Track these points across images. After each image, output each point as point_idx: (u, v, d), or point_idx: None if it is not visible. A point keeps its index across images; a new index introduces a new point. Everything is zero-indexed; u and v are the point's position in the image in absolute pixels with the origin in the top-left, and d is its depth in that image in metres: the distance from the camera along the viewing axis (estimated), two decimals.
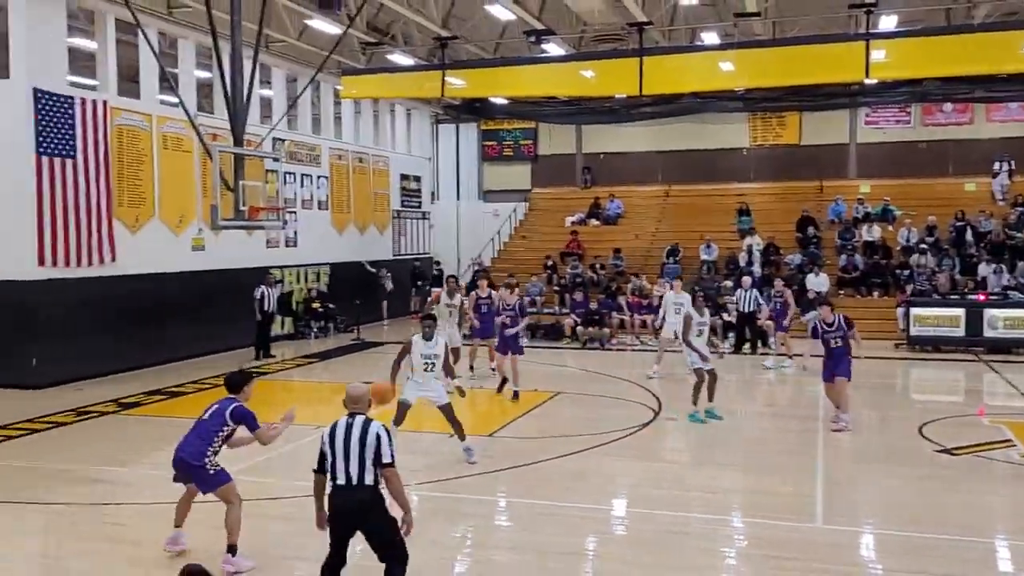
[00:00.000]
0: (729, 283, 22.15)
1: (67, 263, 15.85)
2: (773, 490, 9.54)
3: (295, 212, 22.32)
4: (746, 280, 19.71)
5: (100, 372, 16.26)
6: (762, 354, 18.81)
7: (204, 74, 20.70)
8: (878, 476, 10.15)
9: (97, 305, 16.28)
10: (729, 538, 8.21)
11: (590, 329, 21.41)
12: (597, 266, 25.47)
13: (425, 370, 10.21)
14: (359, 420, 5.93)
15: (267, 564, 7.37)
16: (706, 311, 13.25)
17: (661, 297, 21.94)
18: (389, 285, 25.79)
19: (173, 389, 15.11)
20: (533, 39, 20.68)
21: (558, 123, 30.32)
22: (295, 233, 22.64)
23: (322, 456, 5.92)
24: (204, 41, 17.59)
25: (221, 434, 7.32)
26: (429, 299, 18.32)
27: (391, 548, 5.90)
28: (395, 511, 5.97)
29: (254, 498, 9.00)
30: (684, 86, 21.14)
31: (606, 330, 21.52)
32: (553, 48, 21.62)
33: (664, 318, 17.02)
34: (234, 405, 7.39)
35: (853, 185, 27.95)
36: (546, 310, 23.79)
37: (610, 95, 23.89)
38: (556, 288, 24.80)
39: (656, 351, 17.18)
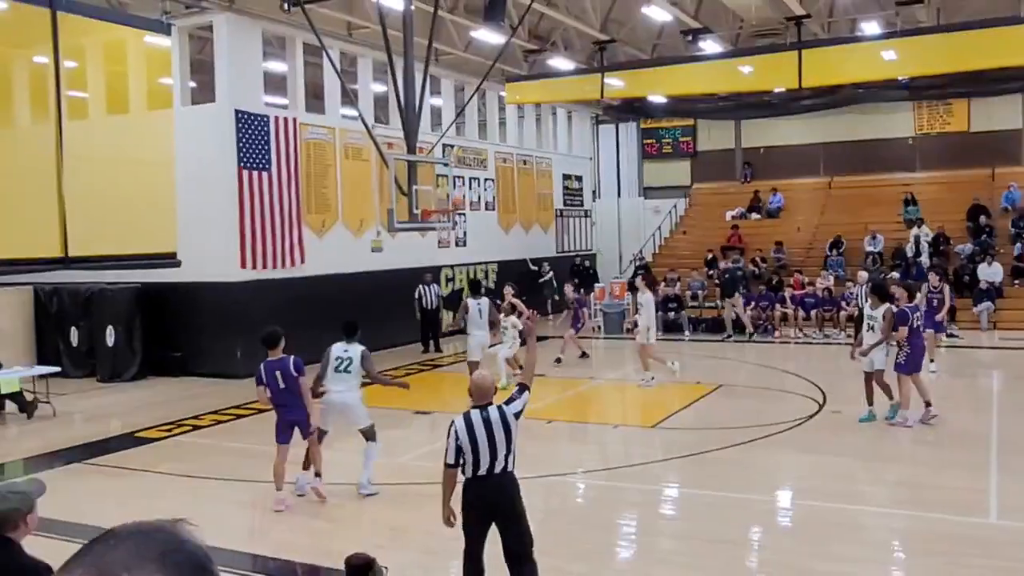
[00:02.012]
0: (896, 275, 21.68)
1: (264, 265, 17.52)
2: (944, 484, 9.27)
3: (464, 213, 23.46)
4: (861, 275, 18.75)
5: None
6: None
7: (380, 88, 22.06)
8: None
9: (289, 303, 17.83)
10: (897, 531, 8.06)
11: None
12: (758, 259, 25.42)
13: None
14: (493, 411, 5.96)
15: (439, 545, 7.85)
16: (883, 307, 12.16)
17: (825, 289, 21.87)
18: (550, 278, 25.84)
19: None
20: (690, 38, 20.93)
21: (717, 119, 30.29)
22: (464, 233, 23.83)
23: (459, 451, 5.89)
24: (380, 58, 18.78)
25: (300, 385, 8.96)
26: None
27: (526, 533, 5.98)
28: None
29: (429, 481, 9.81)
30: (845, 77, 20.84)
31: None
32: (710, 46, 21.74)
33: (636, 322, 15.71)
34: (293, 360, 8.89)
35: None
36: (708, 304, 24.00)
37: (769, 89, 23.78)
38: (717, 283, 24.88)
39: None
